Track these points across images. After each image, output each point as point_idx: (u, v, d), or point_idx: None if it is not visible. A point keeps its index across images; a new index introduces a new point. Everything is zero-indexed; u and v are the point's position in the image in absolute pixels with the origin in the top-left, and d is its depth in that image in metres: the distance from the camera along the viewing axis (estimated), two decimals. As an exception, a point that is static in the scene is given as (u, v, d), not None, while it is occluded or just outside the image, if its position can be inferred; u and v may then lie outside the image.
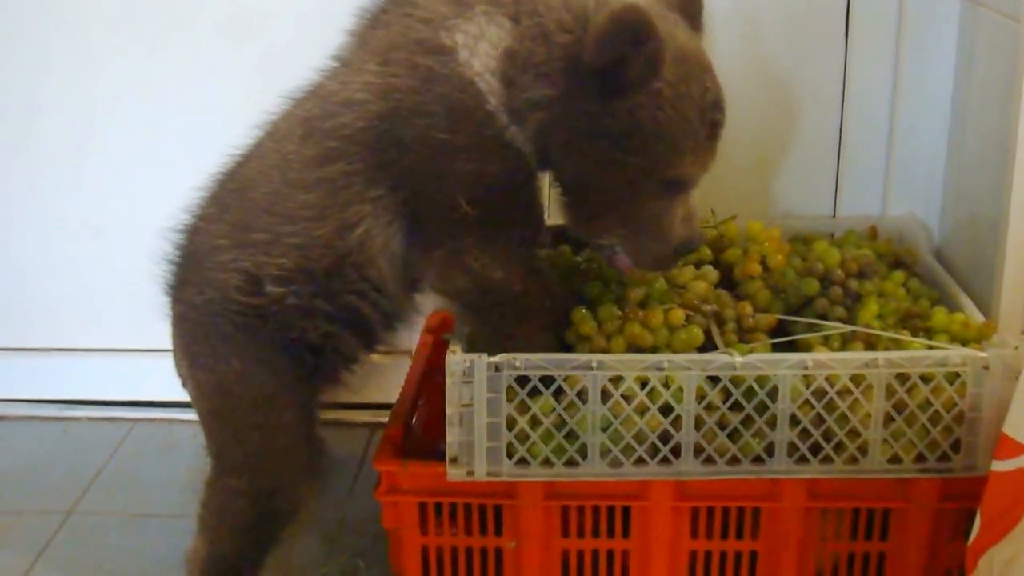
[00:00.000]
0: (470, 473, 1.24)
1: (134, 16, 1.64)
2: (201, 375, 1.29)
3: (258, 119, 1.31)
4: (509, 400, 1.22)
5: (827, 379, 1.21)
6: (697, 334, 1.24)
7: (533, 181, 1.23)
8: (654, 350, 1.24)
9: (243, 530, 1.27)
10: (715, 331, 1.27)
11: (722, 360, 1.21)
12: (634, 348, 1.25)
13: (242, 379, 1.26)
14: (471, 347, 1.23)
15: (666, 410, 1.22)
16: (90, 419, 1.75)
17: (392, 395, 1.45)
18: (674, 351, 1.24)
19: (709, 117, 1.17)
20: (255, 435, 1.26)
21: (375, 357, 1.74)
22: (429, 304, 1.60)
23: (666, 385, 1.21)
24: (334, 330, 1.27)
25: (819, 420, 1.22)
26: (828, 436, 1.22)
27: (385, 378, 1.73)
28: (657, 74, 1.13)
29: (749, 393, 1.21)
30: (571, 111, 1.16)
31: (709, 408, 1.22)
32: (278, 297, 1.24)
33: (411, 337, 1.68)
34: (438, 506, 1.29)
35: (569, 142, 1.18)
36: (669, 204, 1.19)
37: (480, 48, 1.17)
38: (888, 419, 1.21)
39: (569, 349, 1.27)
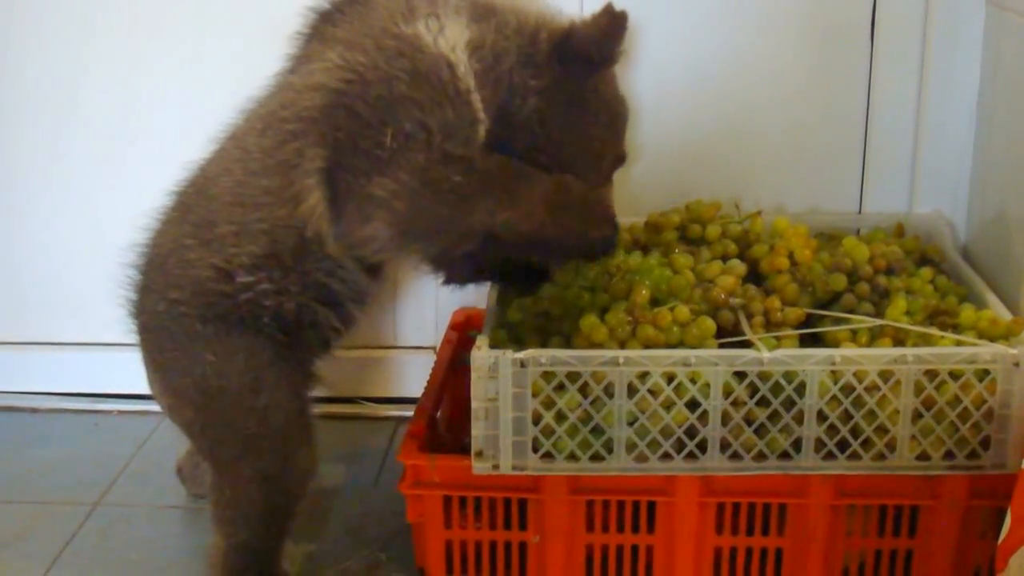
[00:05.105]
0: (495, 467, 1.24)
1: (177, 17, 1.65)
2: (177, 380, 1.29)
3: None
4: (535, 395, 1.21)
5: (855, 375, 1.20)
6: (709, 324, 1.24)
7: (474, 143, 1.22)
8: (678, 346, 1.24)
9: (257, 516, 1.28)
10: (744, 323, 1.26)
11: (749, 355, 1.20)
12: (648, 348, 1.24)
13: (221, 370, 1.26)
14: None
15: (693, 405, 1.21)
16: (120, 412, 1.77)
17: (416, 390, 1.46)
18: (688, 345, 1.23)
19: (627, 102, 1.35)
20: (250, 420, 1.26)
21: (400, 352, 1.76)
22: (452, 302, 1.61)
23: (692, 380, 1.21)
24: (305, 302, 1.27)
25: (847, 416, 1.21)
26: (856, 432, 1.21)
27: (410, 373, 1.74)
28: (622, 56, 1.29)
29: (776, 389, 1.21)
30: (560, 93, 1.26)
31: (736, 403, 1.21)
32: (250, 284, 1.25)
33: (436, 333, 1.69)
34: (462, 500, 1.29)
35: (558, 123, 1.26)
36: (610, 184, 1.34)
37: (444, 34, 1.22)
38: (916, 415, 1.21)
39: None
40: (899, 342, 1.25)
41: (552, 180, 1.25)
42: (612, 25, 1.26)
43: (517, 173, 1.23)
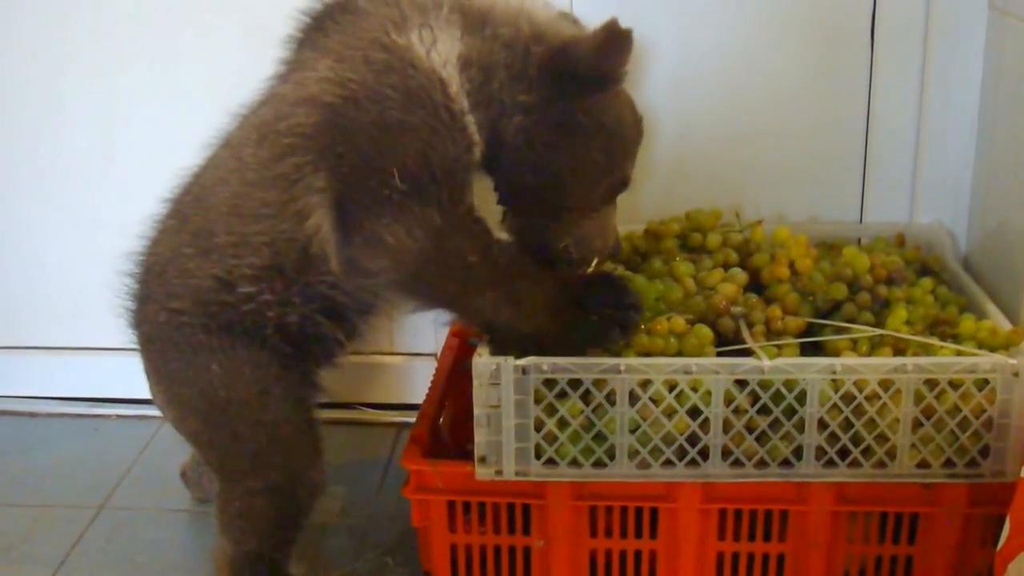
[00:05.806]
0: (498, 473, 1.24)
1: (158, 17, 1.65)
2: (183, 391, 1.28)
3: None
4: (537, 402, 1.22)
5: (856, 384, 1.21)
6: (706, 332, 1.25)
7: (472, 171, 1.23)
8: (678, 355, 1.25)
9: (267, 527, 1.28)
10: (745, 332, 1.28)
11: (750, 364, 1.21)
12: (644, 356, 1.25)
13: (227, 382, 1.25)
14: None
15: (694, 413, 1.22)
16: (120, 417, 1.77)
17: (419, 396, 1.47)
18: (687, 354, 1.24)
19: (640, 126, 1.30)
20: (258, 433, 1.25)
21: (400, 358, 1.77)
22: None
23: (694, 389, 1.22)
24: (308, 314, 1.26)
25: (847, 424, 1.22)
26: (856, 440, 1.22)
27: (412, 379, 1.75)
28: (624, 77, 1.24)
29: (777, 397, 1.22)
30: (550, 112, 1.22)
31: (737, 411, 1.22)
32: (252, 295, 1.24)
33: (436, 340, 1.70)
34: (467, 505, 1.29)
35: (546, 143, 1.23)
36: (613, 206, 1.31)
37: (437, 47, 1.20)
38: (917, 424, 1.22)
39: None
40: (899, 352, 1.26)
41: (556, 282, 1.21)
42: (610, 43, 1.19)
43: (525, 273, 1.21)
